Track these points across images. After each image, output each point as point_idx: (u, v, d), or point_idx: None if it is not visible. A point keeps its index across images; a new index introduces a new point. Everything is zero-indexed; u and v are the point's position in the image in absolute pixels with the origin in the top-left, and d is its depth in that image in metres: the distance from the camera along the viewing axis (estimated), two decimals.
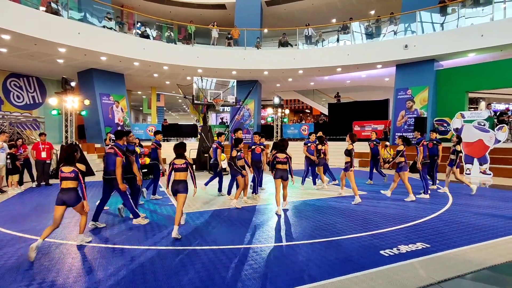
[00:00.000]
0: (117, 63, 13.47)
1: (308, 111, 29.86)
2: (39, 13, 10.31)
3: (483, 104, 20.58)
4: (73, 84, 10.80)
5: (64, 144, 10.89)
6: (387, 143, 11.80)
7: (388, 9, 16.03)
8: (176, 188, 4.49)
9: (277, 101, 16.96)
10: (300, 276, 3.18)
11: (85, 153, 12.14)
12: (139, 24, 14.50)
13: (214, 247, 4.03)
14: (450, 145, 7.89)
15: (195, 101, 12.66)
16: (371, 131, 9.32)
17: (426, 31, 13.01)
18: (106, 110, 14.76)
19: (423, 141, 7.23)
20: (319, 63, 14.46)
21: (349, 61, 13.95)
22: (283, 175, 5.67)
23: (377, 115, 16.25)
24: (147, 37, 13.89)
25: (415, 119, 13.23)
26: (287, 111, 19.90)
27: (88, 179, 9.29)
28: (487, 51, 11.91)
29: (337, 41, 15.09)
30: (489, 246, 4.02)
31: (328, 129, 16.37)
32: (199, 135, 14.67)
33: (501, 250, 3.87)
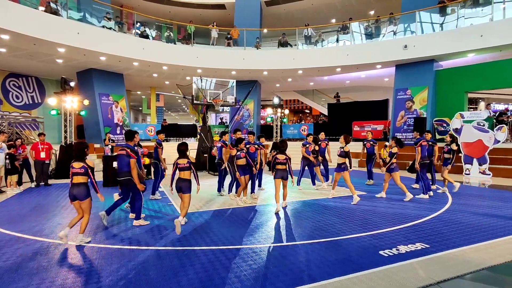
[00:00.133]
0: (117, 63, 13.46)
1: (307, 111, 29.87)
2: (38, 13, 10.29)
3: (482, 104, 20.63)
4: (72, 84, 10.77)
5: (63, 144, 10.88)
6: (386, 143, 11.77)
7: (387, 9, 16.05)
8: (180, 186, 4.78)
9: (276, 101, 16.95)
10: (299, 276, 3.18)
11: None
12: (139, 24, 14.50)
13: (213, 247, 4.03)
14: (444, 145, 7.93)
15: (195, 101, 12.65)
16: (367, 131, 9.33)
17: (425, 31, 13.01)
18: (105, 110, 14.74)
19: (421, 142, 7.23)
20: (318, 63, 14.46)
21: (348, 61, 13.95)
22: (283, 175, 5.84)
23: (376, 115, 16.27)
24: (147, 37, 13.88)
25: (414, 119, 13.25)
26: (287, 111, 19.88)
27: None
28: (486, 51, 11.92)
29: (337, 41, 15.09)
30: (489, 246, 4.02)
31: (327, 129, 16.32)
32: (198, 135, 14.67)
33: (501, 250, 3.88)
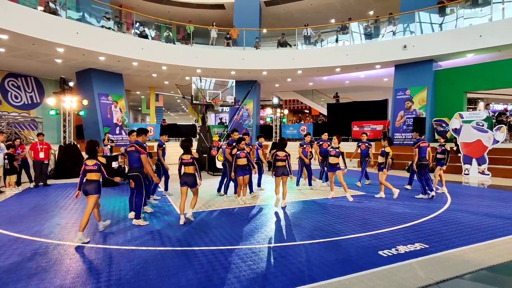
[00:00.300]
0: (116, 63, 13.44)
1: (307, 111, 29.87)
2: (37, 12, 10.26)
3: (481, 104, 20.62)
4: (71, 84, 10.75)
5: (62, 144, 10.86)
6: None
7: (387, 9, 16.06)
8: (185, 180, 5.09)
9: (276, 101, 16.95)
10: (299, 276, 3.17)
11: (83, 153, 12.07)
12: (138, 24, 14.47)
13: (212, 247, 4.02)
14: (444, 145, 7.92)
15: (194, 101, 12.64)
16: (361, 133, 9.33)
17: (424, 31, 13.02)
18: (104, 110, 14.71)
19: (419, 143, 7.24)
20: (318, 63, 14.46)
21: (348, 62, 13.95)
22: (284, 171, 6.12)
23: (376, 115, 16.25)
24: (146, 37, 13.86)
25: (414, 120, 13.25)
26: (286, 111, 19.88)
27: None
28: (485, 51, 11.93)
29: (336, 41, 15.08)
30: (488, 246, 4.02)
31: (327, 129, 16.28)
32: (198, 135, 14.65)
33: (500, 250, 3.88)
